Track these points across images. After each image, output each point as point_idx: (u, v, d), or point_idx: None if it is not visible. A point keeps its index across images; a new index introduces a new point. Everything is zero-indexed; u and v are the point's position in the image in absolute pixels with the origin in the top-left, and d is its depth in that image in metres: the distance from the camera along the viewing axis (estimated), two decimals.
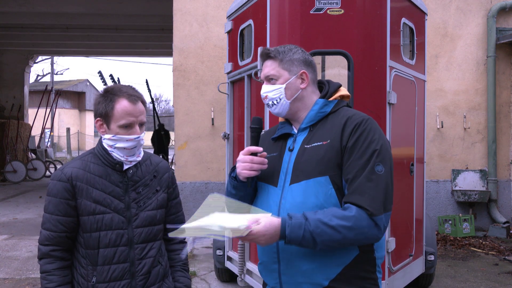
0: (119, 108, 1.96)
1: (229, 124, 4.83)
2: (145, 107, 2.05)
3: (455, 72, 7.50)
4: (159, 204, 2.11)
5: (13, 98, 17.27)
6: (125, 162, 2.04)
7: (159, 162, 2.20)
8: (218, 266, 4.95)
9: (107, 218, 1.98)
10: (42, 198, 11.29)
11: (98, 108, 2.01)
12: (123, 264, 2.01)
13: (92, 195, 1.98)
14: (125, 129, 1.97)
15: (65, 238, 2.00)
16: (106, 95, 2.00)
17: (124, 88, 2.02)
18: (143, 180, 2.08)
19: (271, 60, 1.89)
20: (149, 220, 2.06)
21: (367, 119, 1.80)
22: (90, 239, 1.98)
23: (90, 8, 12.25)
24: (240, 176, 1.83)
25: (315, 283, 1.75)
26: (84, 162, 2.04)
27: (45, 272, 1.99)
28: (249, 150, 1.82)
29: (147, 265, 2.05)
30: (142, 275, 2.04)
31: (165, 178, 2.18)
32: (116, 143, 1.99)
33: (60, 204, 1.98)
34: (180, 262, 2.26)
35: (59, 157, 25.26)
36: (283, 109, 1.89)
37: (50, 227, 1.99)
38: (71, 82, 37.53)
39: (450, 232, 7.13)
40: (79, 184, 1.98)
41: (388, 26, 3.79)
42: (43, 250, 2.01)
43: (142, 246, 2.05)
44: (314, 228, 1.63)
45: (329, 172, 1.74)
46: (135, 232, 2.03)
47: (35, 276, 5.36)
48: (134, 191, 2.05)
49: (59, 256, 2.00)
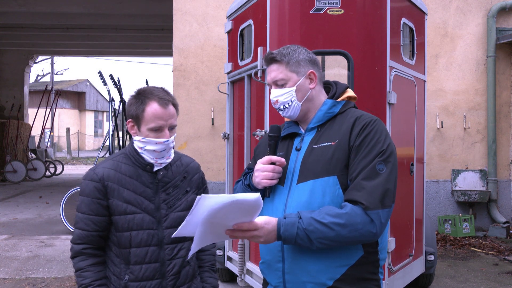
0: (150, 111, 1.97)
1: (229, 124, 4.83)
2: (177, 110, 2.06)
3: (455, 72, 7.50)
4: (189, 205, 2.10)
5: (13, 98, 17.26)
6: (155, 164, 2.06)
7: (190, 163, 2.23)
8: (218, 266, 4.95)
9: (138, 218, 2.01)
10: (42, 198, 11.29)
11: (130, 110, 2.02)
12: (154, 264, 2.03)
13: (123, 195, 2.01)
14: (154, 132, 1.99)
15: (97, 236, 2.02)
16: (138, 97, 2.01)
17: (156, 90, 2.02)
18: (173, 181, 2.10)
19: (277, 64, 1.88)
20: (178, 221, 2.05)
21: (375, 120, 1.81)
22: (122, 238, 2.01)
23: (90, 8, 12.25)
24: (259, 185, 1.83)
25: (319, 283, 1.76)
26: (115, 162, 2.06)
27: (80, 269, 2.01)
28: (270, 160, 1.82)
29: (177, 265, 2.07)
30: (172, 275, 2.06)
31: (195, 179, 2.20)
32: (146, 146, 2.02)
33: (92, 203, 2.00)
34: (208, 263, 2.28)
35: (59, 157, 25.27)
36: (295, 112, 1.89)
37: (82, 226, 2.01)
38: (71, 82, 37.50)
39: (450, 232, 7.13)
40: (111, 184, 2.00)
41: (388, 26, 3.79)
42: (75, 249, 2.03)
43: (172, 247, 2.06)
44: (307, 225, 1.65)
45: (337, 172, 1.75)
46: (165, 233, 2.05)
47: (35, 276, 5.37)
48: (164, 192, 2.07)
49: (92, 253, 2.03)
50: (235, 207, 1.55)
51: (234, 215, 1.59)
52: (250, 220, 1.63)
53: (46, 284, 5.09)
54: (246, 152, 4.35)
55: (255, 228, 1.64)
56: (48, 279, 5.27)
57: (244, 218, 1.62)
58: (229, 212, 1.57)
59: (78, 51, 19.32)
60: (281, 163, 1.82)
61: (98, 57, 38.28)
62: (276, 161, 1.82)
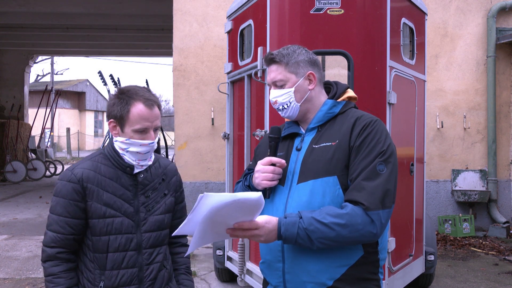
0: (135, 112, 1.90)
1: (229, 124, 4.83)
2: (161, 111, 2.00)
3: (455, 72, 7.50)
4: (167, 208, 2.08)
5: (13, 98, 17.26)
6: (137, 166, 1.99)
7: (168, 165, 2.16)
8: (218, 266, 4.95)
9: (117, 222, 1.94)
10: (42, 198, 11.29)
11: (112, 110, 1.94)
12: (131, 269, 1.97)
13: (103, 198, 1.93)
14: (139, 134, 1.92)
15: (72, 240, 1.95)
16: (121, 97, 1.93)
17: (140, 91, 1.95)
18: (152, 184, 2.04)
19: (276, 64, 1.88)
20: (157, 224, 2.02)
21: (375, 120, 1.81)
22: (99, 242, 1.93)
23: (90, 8, 12.24)
24: (259, 186, 1.83)
25: (319, 282, 1.76)
26: (94, 163, 1.99)
27: (51, 275, 1.93)
28: (270, 161, 1.82)
29: (155, 270, 2.03)
30: (150, 280, 2.01)
31: (173, 182, 2.14)
32: (129, 147, 1.94)
33: (69, 205, 1.92)
34: (184, 265, 2.23)
35: (59, 157, 25.26)
36: (293, 112, 1.89)
37: (57, 228, 1.93)
38: (71, 82, 37.49)
39: (450, 232, 7.13)
40: (90, 186, 1.93)
41: (388, 26, 3.79)
42: (48, 252, 1.94)
43: (150, 251, 2.02)
44: (308, 225, 1.65)
45: (338, 172, 1.75)
46: (143, 237, 1.99)
47: (35, 276, 5.36)
48: (143, 195, 2.01)
49: (66, 258, 1.95)
50: (237, 206, 1.55)
51: (236, 214, 1.59)
52: (251, 219, 1.63)
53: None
54: (246, 152, 4.35)
55: (255, 227, 1.64)
56: None
57: (245, 217, 1.61)
58: (231, 210, 1.57)
59: (78, 51, 19.32)
60: (281, 164, 1.82)
61: (98, 57, 38.34)
62: (276, 163, 1.82)
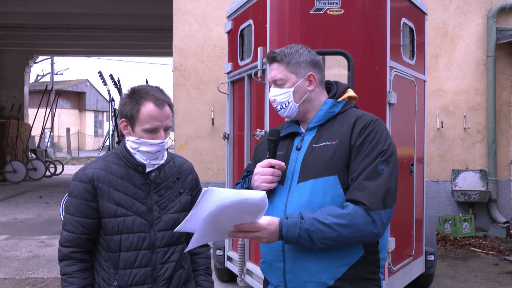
0: (145, 111, 1.90)
1: (229, 124, 4.83)
2: (172, 110, 1.99)
3: (455, 72, 7.50)
4: (182, 207, 2.06)
5: (13, 98, 17.26)
6: (148, 165, 2.00)
7: (183, 164, 2.15)
8: (218, 266, 4.94)
9: (128, 221, 1.94)
10: (42, 198, 11.29)
11: (123, 109, 1.95)
12: (145, 268, 1.97)
13: (114, 197, 1.94)
14: (149, 133, 1.92)
15: (86, 240, 1.97)
16: (132, 96, 1.94)
17: (151, 90, 1.95)
18: (165, 183, 2.04)
19: (278, 63, 1.88)
20: (171, 223, 2.01)
21: (375, 120, 1.81)
22: (112, 241, 1.95)
23: (90, 8, 12.24)
24: (259, 189, 1.82)
25: (320, 282, 1.76)
26: (106, 163, 2.00)
27: (66, 274, 1.96)
28: (269, 163, 1.82)
29: (170, 269, 2.01)
30: (164, 280, 2.00)
31: (188, 180, 2.13)
32: (140, 147, 1.95)
33: (81, 205, 1.94)
34: (203, 266, 2.21)
35: (59, 157, 25.28)
36: (292, 112, 1.89)
37: (71, 228, 1.96)
38: (71, 82, 37.49)
39: (450, 232, 7.13)
40: (101, 185, 1.94)
41: (388, 26, 3.79)
42: (63, 252, 1.97)
43: (164, 250, 2.01)
44: (309, 226, 1.65)
45: (338, 172, 1.75)
46: (157, 236, 1.99)
47: (35, 276, 5.37)
48: (156, 194, 2.01)
49: (80, 258, 1.97)
50: (241, 206, 1.54)
51: (239, 214, 1.59)
52: (253, 221, 1.63)
53: (46, 284, 5.09)
54: (246, 152, 4.35)
55: (258, 230, 1.64)
56: (48, 279, 5.26)
57: (248, 217, 1.61)
58: (235, 211, 1.56)
59: (78, 51, 19.33)
60: (280, 166, 1.82)
61: (98, 57, 38.31)
62: (275, 165, 1.81)
